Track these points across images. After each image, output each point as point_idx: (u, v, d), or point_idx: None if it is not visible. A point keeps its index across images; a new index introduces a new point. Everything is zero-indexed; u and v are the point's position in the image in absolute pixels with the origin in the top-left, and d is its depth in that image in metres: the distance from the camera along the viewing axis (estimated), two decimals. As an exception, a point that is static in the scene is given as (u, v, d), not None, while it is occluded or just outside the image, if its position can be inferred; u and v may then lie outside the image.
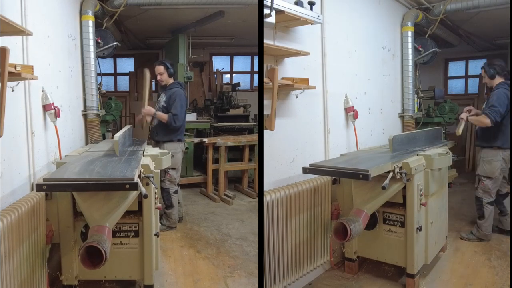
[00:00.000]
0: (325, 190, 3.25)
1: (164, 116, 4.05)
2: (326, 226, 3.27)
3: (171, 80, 4.26)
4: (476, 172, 3.92)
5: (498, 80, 3.82)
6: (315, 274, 3.28)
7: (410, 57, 5.02)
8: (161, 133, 4.13)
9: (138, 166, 2.48)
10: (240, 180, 5.95)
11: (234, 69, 9.55)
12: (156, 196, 2.86)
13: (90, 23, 4.25)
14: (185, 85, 6.05)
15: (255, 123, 7.03)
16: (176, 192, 4.25)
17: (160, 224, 4.09)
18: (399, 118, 5.08)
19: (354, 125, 3.89)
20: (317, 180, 3.18)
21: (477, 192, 3.89)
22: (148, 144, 3.91)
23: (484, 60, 8.25)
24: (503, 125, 3.70)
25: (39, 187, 2.10)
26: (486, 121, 3.62)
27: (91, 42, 4.25)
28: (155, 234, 2.80)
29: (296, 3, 2.86)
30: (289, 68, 3.13)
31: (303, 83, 3.05)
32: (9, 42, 2.25)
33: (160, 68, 4.20)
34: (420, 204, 3.02)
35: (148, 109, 4.08)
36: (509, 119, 3.71)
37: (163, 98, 4.18)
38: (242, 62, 9.55)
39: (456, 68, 8.87)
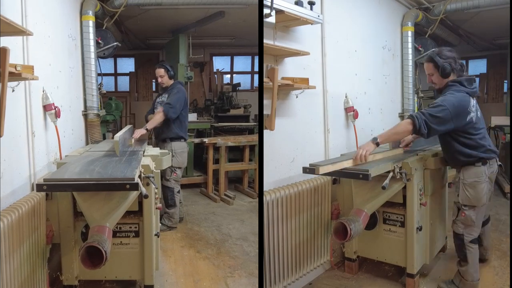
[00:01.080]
0: (325, 190, 3.25)
1: (157, 116, 4.00)
2: (326, 226, 3.27)
3: (171, 82, 4.33)
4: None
5: (450, 77, 2.82)
6: (315, 274, 3.28)
7: (410, 57, 5.03)
8: (167, 132, 4.15)
9: (138, 166, 2.49)
10: (241, 180, 5.96)
11: (235, 69, 9.56)
12: (157, 196, 2.87)
13: (91, 23, 4.26)
14: (185, 85, 6.07)
15: (255, 123, 7.04)
16: (179, 192, 4.27)
17: (160, 224, 4.10)
18: (399, 118, 5.08)
19: (354, 125, 3.90)
20: (317, 180, 3.18)
21: (456, 227, 2.91)
22: (148, 144, 3.92)
23: (484, 60, 8.30)
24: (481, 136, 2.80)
25: (39, 187, 2.10)
26: (409, 127, 2.67)
27: (92, 42, 4.25)
28: (156, 234, 2.80)
29: (296, 3, 2.86)
30: (289, 68, 3.13)
31: (303, 83, 3.05)
32: (9, 42, 2.25)
33: (160, 71, 4.26)
34: (420, 204, 3.02)
35: (138, 132, 3.84)
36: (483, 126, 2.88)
37: (165, 96, 4.26)
38: (242, 62, 9.56)
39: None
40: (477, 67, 8.54)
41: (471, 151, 2.76)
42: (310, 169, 2.85)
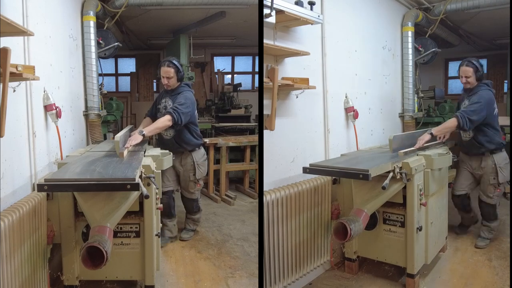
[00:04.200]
0: (325, 190, 3.25)
1: (160, 122, 3.38)
2: (326, 226, 3.27)
3: (178, 84, 3.68)
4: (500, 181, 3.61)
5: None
6: (315, 274, 3.28)
7: (410, 57, 5.02)
8: (184, 145, 3.70)
9: (139, 167, 2.49)
10: (242, 181, 5.96)
11: (236, 70, 9.55)
12: (157, 196, 2.87)
13: (92, 23, 4.26)
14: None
15: (256, 124, 7.03)
16: (200, 197, 4.10)
17: (185, 230, 4.04)
18: (399, 118, 5.08)
19: (354, 125, 3.90)
20: (317, 180, 3.19)
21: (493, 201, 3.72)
22: (149, 144, 3.91)
23: (484, 60, 8.29)
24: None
25: (40, 187, 2.11)
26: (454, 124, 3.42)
27: (93, 43, 4.25)
28: (156, 235, 2.81)
29: (296, 3, 2.87)
30: (289, 68, 3.14)
31: (303, 83, 3.06)
32: (10, 42, 2.26)
33: (170, 71, 3.54)
34: (420, 204, 3.02)
35: (133, 140, 3.18)
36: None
37: (168, 103, 3.64)
38: (243, 63, 9.55)
39: (456, 68, 8.80)
40: (477, 67, 8.52)
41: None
42: (310, 169, 2.86)
